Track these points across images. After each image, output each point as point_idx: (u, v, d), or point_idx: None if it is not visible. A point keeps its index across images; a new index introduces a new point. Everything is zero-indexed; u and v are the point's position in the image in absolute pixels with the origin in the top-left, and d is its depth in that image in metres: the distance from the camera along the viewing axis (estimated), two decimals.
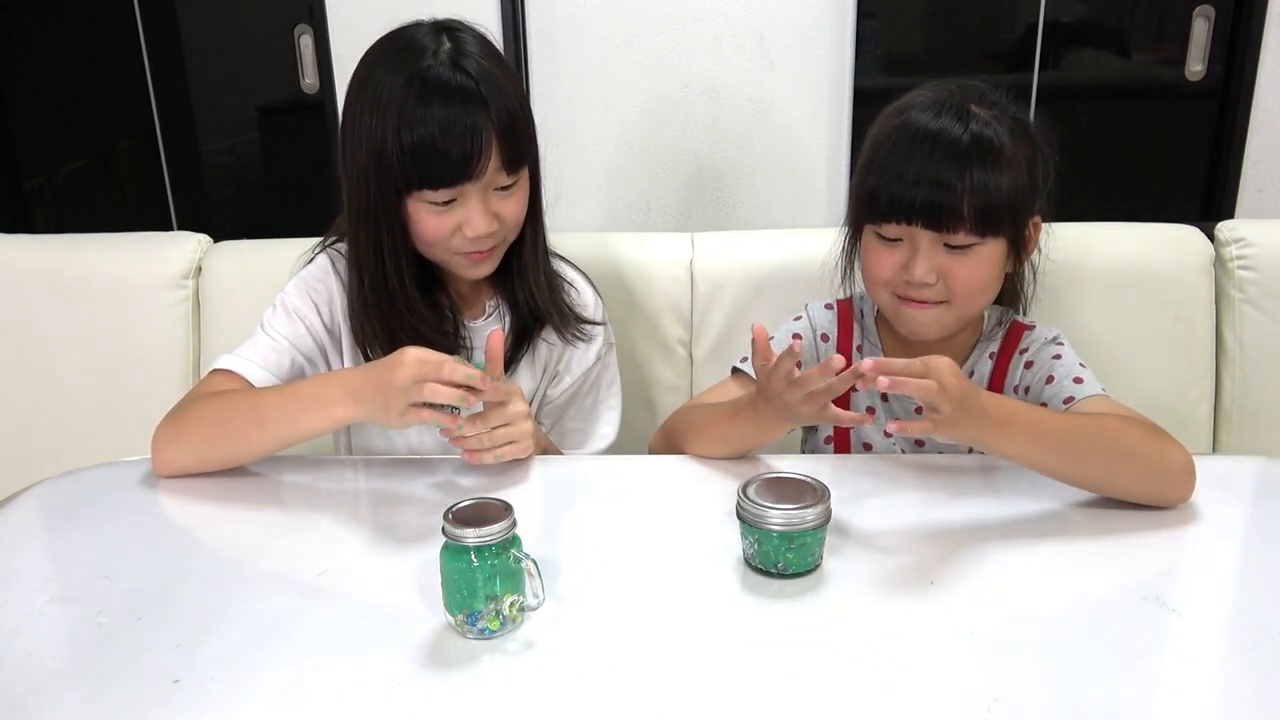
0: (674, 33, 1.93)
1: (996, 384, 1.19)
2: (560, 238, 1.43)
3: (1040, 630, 0.80)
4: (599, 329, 1.28)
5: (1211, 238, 1.50)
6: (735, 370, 1.21)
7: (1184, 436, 1.01)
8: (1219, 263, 1.50)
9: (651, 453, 1.23)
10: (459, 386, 0.95)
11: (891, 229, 1.09)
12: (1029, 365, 1.17)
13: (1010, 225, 1.08)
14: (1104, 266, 1.48)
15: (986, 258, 1.09)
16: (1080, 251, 1.45)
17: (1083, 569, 0.89)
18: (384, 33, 1.14)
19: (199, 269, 1.58)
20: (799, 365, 1.20)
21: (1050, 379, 1.12)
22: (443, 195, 1.09)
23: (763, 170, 1.99)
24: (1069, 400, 1.09)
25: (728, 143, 1.98)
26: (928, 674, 0.75)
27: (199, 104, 2.28)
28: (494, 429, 1.04)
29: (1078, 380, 1.11)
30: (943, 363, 0.90)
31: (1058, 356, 1.15)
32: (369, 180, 1.10)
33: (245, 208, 2.39)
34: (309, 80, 2.13)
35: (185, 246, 1.59)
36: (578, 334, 1.25)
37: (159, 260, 1.58)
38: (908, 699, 0.73)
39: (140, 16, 2.21)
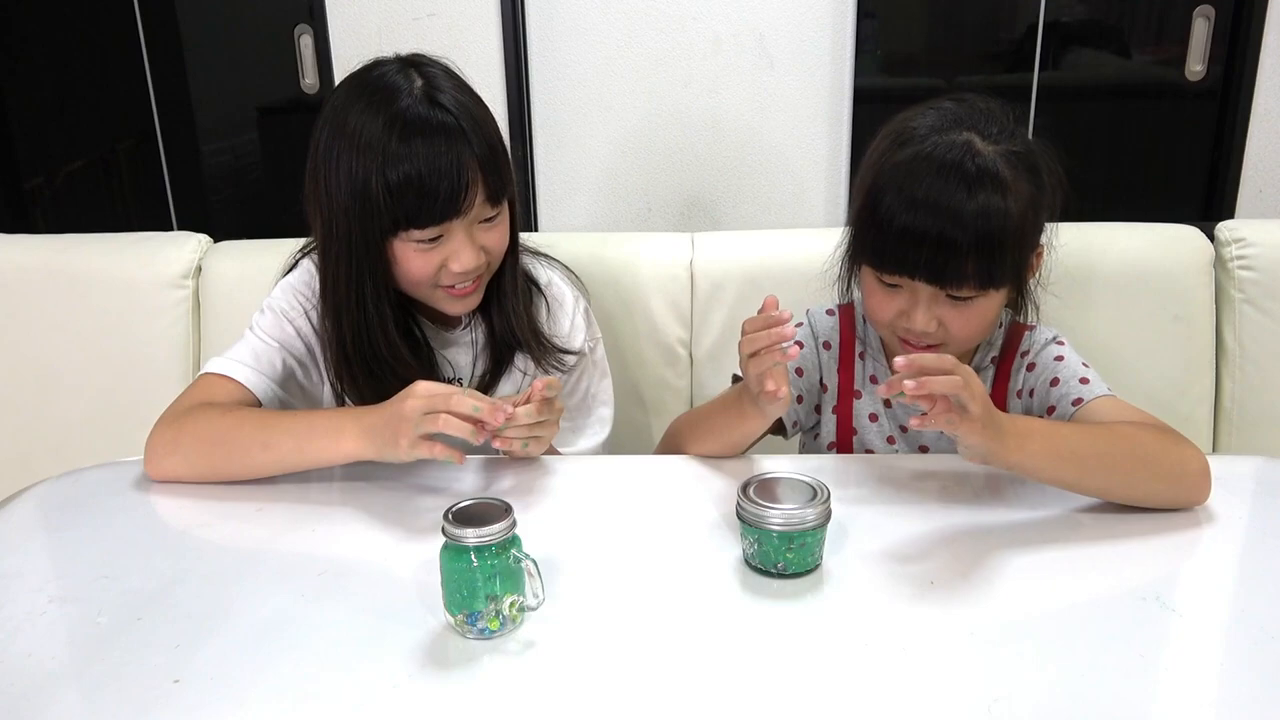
0: (674, 33, 1.92)
1: (1000, 387, 1.19)
2: (560, 238, 1.43)
3: (1040, 630, 0.80)
4: (576, 353, 1.26)
5: (1211, 238, 1.50)
6: (736, 378, 1.21)
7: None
8: (1219, 263, 1.50)
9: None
10: (468, 419, 0.94)
11: (892, 278, 1.07)
12: (1031, 367, 1.16)
13: (1014, 274, 1.07)
14: (1104, 266, 1.48)
15: (988, 306, 1.08)
16: (1080, 251, 1.44)
17: (1083, 569, 0.89)
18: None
19: (199, 269, 1.58)
20: (800, 372, 1.21)
21: (1055, 381, 1.12)
22: (430, 233, 1.08)
23: (763, 170, 1.99)
24: (1078, 402, 1.08)
25: (728, 143, 1.98)
26: (928, 674, 0.75)
27: (199, 104, 2.28)
28: (540, 423, 1.02)
29: (1083, 381, 1.10)
30: (968, 369, 0.89)
31: (1060, 358, 1.14)
32: (350, 223, 1.08)
33: (245, 208, 2.39)
34: (309, 80, 2.13)
35: (185, 246, 1.59)
36: (556, 364, 1.23)
37: (159, 260, 1.58)
38: (908, 699, 0.73)
39: (140, 17, 2.20)
